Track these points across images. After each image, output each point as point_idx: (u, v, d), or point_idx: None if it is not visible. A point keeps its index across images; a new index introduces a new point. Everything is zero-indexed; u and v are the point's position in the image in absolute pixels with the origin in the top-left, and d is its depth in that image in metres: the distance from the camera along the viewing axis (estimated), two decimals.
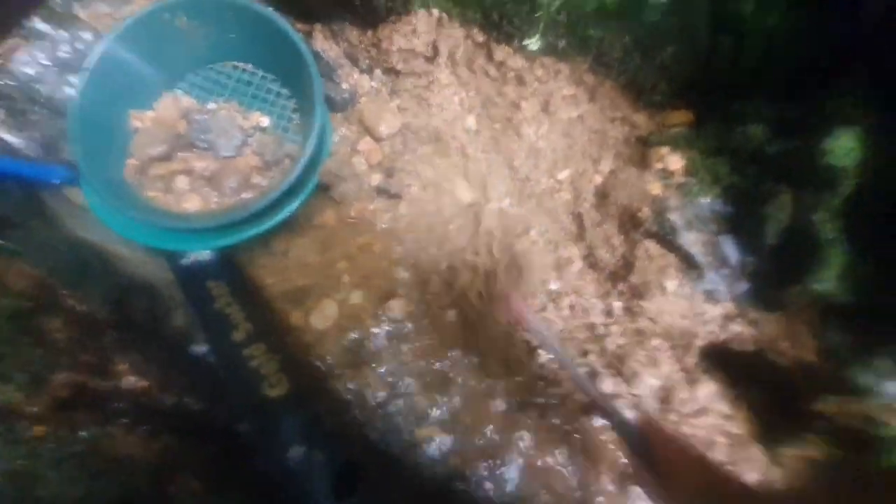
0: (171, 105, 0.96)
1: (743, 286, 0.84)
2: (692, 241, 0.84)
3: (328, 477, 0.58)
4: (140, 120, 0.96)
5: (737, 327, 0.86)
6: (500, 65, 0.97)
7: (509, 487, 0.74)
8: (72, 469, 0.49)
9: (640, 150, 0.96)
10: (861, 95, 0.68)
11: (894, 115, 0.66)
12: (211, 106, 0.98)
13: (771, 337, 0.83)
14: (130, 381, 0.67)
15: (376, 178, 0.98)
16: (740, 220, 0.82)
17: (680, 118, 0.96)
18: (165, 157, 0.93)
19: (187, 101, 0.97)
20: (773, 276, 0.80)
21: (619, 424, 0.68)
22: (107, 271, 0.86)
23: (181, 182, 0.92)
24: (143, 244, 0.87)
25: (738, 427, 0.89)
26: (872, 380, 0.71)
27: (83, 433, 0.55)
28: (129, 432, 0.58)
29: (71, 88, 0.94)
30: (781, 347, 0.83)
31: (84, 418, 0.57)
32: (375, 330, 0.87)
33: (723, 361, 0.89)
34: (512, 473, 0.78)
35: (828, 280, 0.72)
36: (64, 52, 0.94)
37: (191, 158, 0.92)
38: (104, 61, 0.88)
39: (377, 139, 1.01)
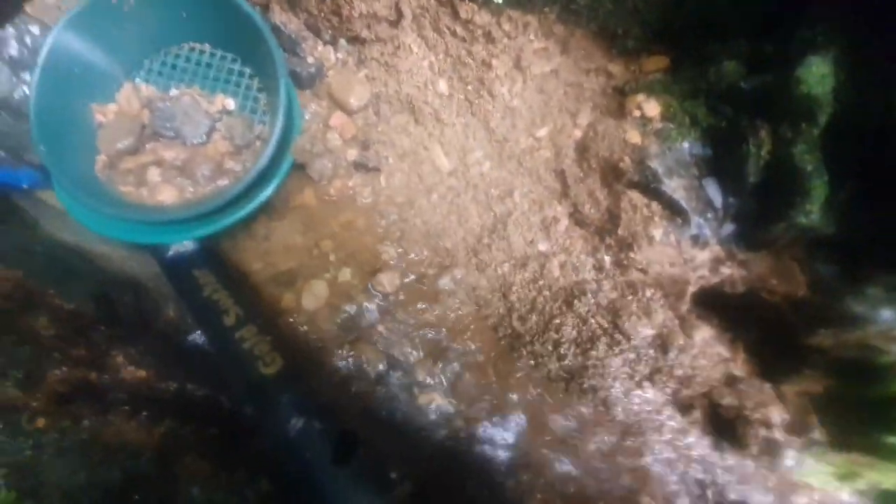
0: (133, 95, 0.93)
1: (729, 228, 0.84)
2: (675, 187, 0.83)
3: (327, 445, 0.59)
4: (103, 114, 0.93)
5: (727, 270, 0.86)
6: (467, 23, 0.94)
7: (509, 446, 0.76)
8: (75, 457, 0.51)
9: (618, 100, 0.94)
10: (832, 22, 0.66)
11: (864, 39, 0.64)
12: (173, 92, 0.94)
13: (761, 276, 0.84)
14: (128, 372, 0.68)
15: (352, 153, 0.96)
16: (721, 161, 0.81)
17: (656, 64, 0.93)
18: (134, 150, 0.91)
19: (148, 89, 0.94)
20: (758, 215, 0.80)
21: None
22: (90, 270, 0.85)
23: (153, 174, 0.89)
24: (122, 241, 0.86)
25: (738, 368, 0.90)
26: (867, 308, 0.71)
27: (85, 422, 0.56)
28: (131, 420, 0.59)
29: (26, 87, 0.91)
30: (772, 285, 0.83)
31: (84, 409, 0.58)
32: (368, 304, 0.87)
33: (716, 305, 0.90)
34: (510, 433, 0.79)
35: (812, 212, 0.72)
36: (13, 49, 0.90)
37: (159, 148, 0.90)
38: (55, 54, 0.85)
39: (349, 112, 0.98)
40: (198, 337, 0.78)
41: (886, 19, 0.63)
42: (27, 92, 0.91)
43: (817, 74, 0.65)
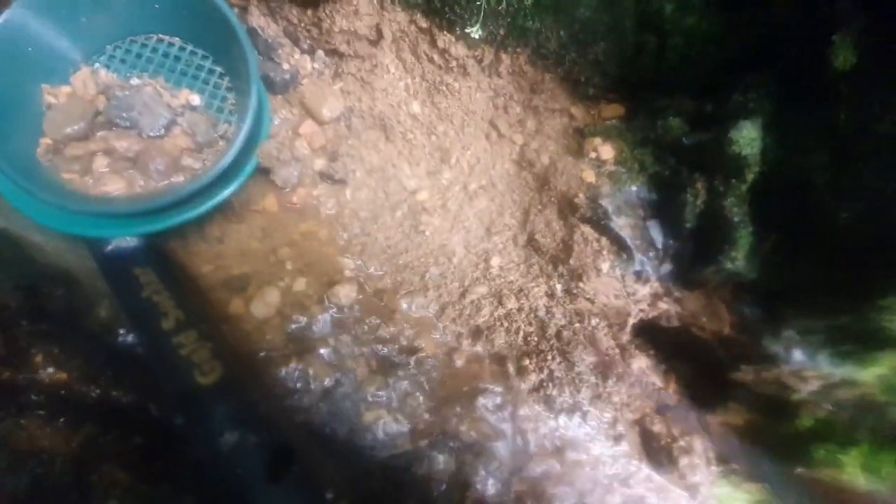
0: (89, 79, 0.88)
1: (668, 267, 0.91)
2: (622, 225, 0.90)
3: (261, 461, 0.56)
4: (54, 95, 0.87)
5: (664, 305, 0.93)
6: (444, 52, 0.98)
7: (450, 468, 0.76)
8: None
9: (577, 141, 1.01)
10: (763, 90, 0.76)
11: (791, 107, 0.74)
12: (134, 81, 0.91)
13: (693, 313, 0.91)
14: (48, 372, 0.62)
15: (319, 163, 0.96)
16: (664, 205, 0.89)
17: (613, 111, 1.01)
18: (83, 136, 0.86)
19: (107, 75, 0.90)
20: (692, 257, 0.87)
21: None
22: (18, 259, 0.78)
23: (100, 163, 0.85)
24: (58, 231, 0.80)
25: (669, 398, 0.96)
26: (782, 349, 0.79)
27: None
28: (46, 424, 0.54)
29: None
30: (703, 322, 0.90)
31: None
32: (321, 316, 0.86)
33: (653, 337, 0.96)
34: (453, 455, 0.80)
35: (738, 259, 0.80)
36: None
37: (111, 137, 0.86)
38: (8, 30, 0.80)
39: (320, 122, 0.99)
40: (131, 339, 0.72)
41: (807, 91, 0.73)
42: None
43: (747, 137, 0.74)
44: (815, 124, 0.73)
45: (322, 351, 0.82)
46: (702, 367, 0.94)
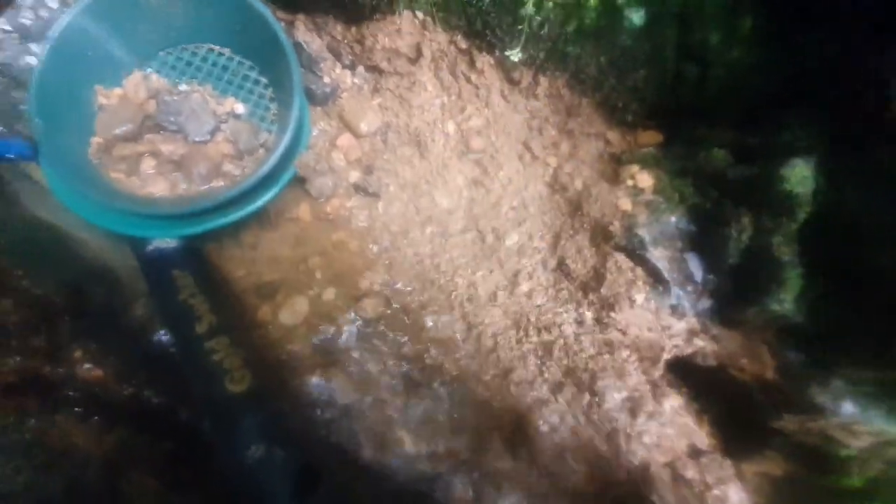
0: (141, 83, 0.92)
1: (706, 303, 0.87)
2: (659, 256, 0.87)
3: (289, 477, 0.55)
4: (106, 97, 0.91)
5: (700, 342, 0.89)
6: (481, 73, 0.98)
7: (468, 492, 0.73)
8: (16, 458, 0.45)
9: (612, 167, 0.99)
10: (814, 128, 0.73)
11: (843, 147, 0.71)
12: (183, 88, 0.94)
13: (732, 353, 0.87)
14: (85, 369, 0.63)
15: (354, 175, 0.97)
16: (704, 238, 0.86)
17: (650, 138, 1.00)
18: (131, 138, 0.89)
19: (158, 80, 0.94)
20: (734, 294, 0.84)
21: None
22: (65, 255, 0.80)
23: (147, 164, 0.87)
24: (104, 228, 0.82)
25: (702, 441, 0.91)
26: (830, 399, 0.74)
27: (31, 421, 0.51)
28: (81, 423, 0.54)
29: (31, 57, 0.89)
30: (742, 363, 0.86)
31: (32, 405, 0.53)
32: (347, 328, 0.85)
33: (688, 375, 0.92)
34: (477, 478, 0.77)
35: (786, 301, 0.76)
36: (27, 18, 0.89)
37: (158, 140, 0.88)
38: (70, 32, 0.84)
39: (357, 136, 1.00)
40: (165, 341, 0.73)
41: (860, 132, 0.70)
42: (32, 62, 0.89)
43: (799, 175, 0.71)
44: (869, 166, 0.70)
45: (347, 364, 0.82)
46: (738, 411, 0.89)
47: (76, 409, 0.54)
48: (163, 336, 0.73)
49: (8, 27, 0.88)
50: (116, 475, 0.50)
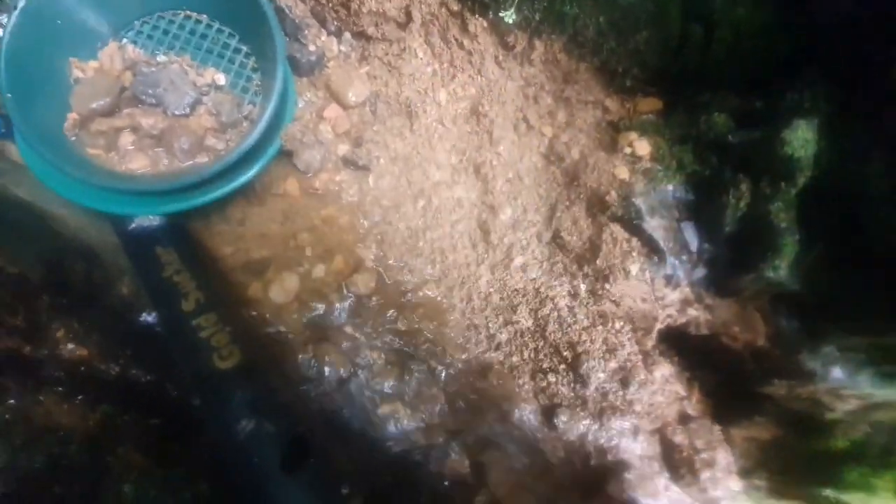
0: (116, 55, 0.88)
1: (701, 272, 0.87)
2: (655, 226, 0.85)
3: (277, 450, 0.56)
4: (81, 69, 0.87)
5: (693, 312, 0.89)
6: (474, 37, 0.94)
7: (464, 462, 0.74)
8: None
9: (610, 135, 0.96)
10: (820, 89, 0.70)
11: (849, 109, 0.69)
12: (161, 58, 0.90)
13: (725, 322, 0.87)
14: (68, 348, 0.62)
15: (343, 148, 0.94)
16: (701, 207, 0.84)
17: (650, 105, 0.96)
18: (109, 112, 0.85)
19: (134, 51, 0.89)
20: (729, 263, 0.83)
21: None
22: (43, 232, 0.78)
23: (126, 139, 0.84)
24: (83, 206, 0.80)
25: (692, 408, 0.93)
26: (820, 365, 0.74)
27: (10, 400, 0.51)
28: (64, 401, 0.54)
29: (1, 30, 0.84)
30: (734, 332, 0.86)
31: (12, 385, 0.52)
32: (338, 305, 0.85)
33: (679, 344, 0.92)
34: (468, 455, 0.78)
35: (780, 268, 0.75)
36: None
37: (137, 114, 0.85)
38: (38, 2, 0.79)
39: (345, 107, 0.96)
40: (151, 318, 0.72)
41: (867, 96, 0.67)
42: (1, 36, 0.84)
43: (802, 138, 0.69)
44: (874, 132, 0.67)
45: (339, 340, 0.81)
46: (728, 379, 0.90)
47: (59, 388, 0.54)
48: (148, 314, 0.73)
49: None
50: (101, 451, 0.50)
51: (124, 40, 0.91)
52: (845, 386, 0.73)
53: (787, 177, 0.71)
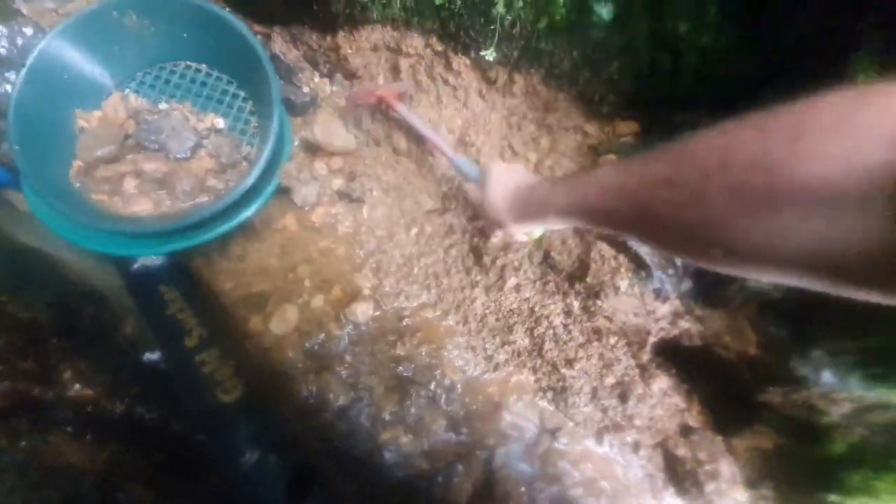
0: (120, 104, 0.93)
1: (688, 284, 0.89)
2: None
3: (283, 480, 0.56)
4: (86, 120, 0.92)
5: (685, 323, 0.91)
6: (459, 74, 1.00)
7: (467, 486, 0.75)
8: (11, 478, 0.46)
9: (592, 158, 1.01)
10: (789, 100, 0.75)
11: None
12: (163, 106, 0.95)
13: (716, 332, 0.89)
14: (75, 388, 0.63)
15: (337, 183, 0.98)
16: None
17: (627, 128, 1.02)
18: (113, 159, 0.89)
19: (137, 100, 0.94)
20: (714, 274, 0.86)
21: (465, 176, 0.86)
22: (51, 277, 0.81)
23: (129, 184, 0.88)
24: (89, 250, 0.83)
25: (693, 420, 0.93)
26: (811, 370, 0.76)
27: (23, 442, 0.52)
28: (74, 441, 0.55)
29: (10, 86, 0.89)
30: (726, 341, 0.88)
31: (24, 427, 0.54)
32: (338, 333, 0.86)
33: (675, 357, 0.94)
34: (471, 480, 0.78)
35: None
36: (2, 47, 0.89)
37: (140, 160, 0.89)
38: (45, 58, 0.84)
39: (332, 153, 1.01)
40: (155, 356, 0.74)
41: None
42: (9, 90, 0.89)
43: None
44: None
45: (339, 369, 0.83)
46: (726, 388, 0.91)
47: (68, 428, 0.55)
48: (153, 352, 0.74)
49: None
50: (111, 488, 0.51)
51: (127, 91, 0.96)
52: (837, 389, 0.75)
53: None
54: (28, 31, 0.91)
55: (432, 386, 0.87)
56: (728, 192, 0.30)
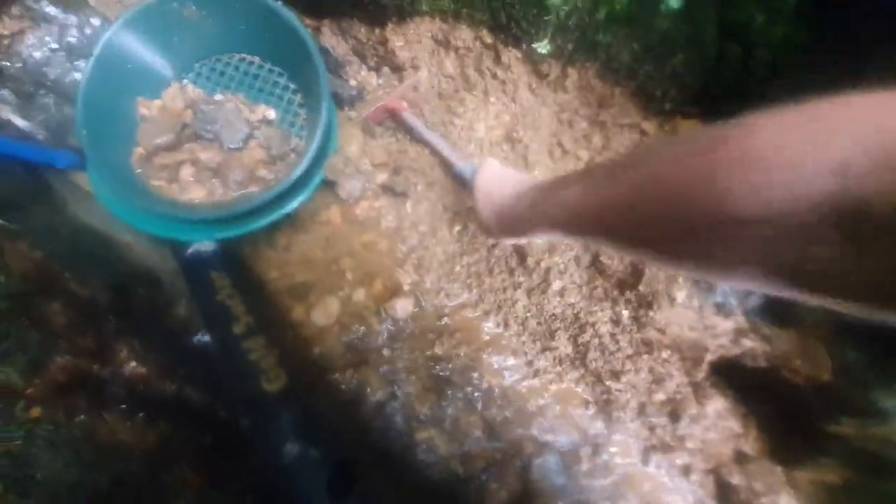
0: (178, 95, 0.95)
1: (755, 300, 0.82)
2: None
3: (323, 475, 0.56)
4: (147, 108, 0.95)
5: (749, 342, 0.84)
6: (508, 68, 0.96)
7: (503, 494, 0.72)
8: (67, 454, 0.49)
9: None
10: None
11: None
12: (218, 97, 0.97)
13: (784, 354, 0.81)
14: (130, 367, 0.66)
15: (382, 177, 0.97)
16: None
17: (688, 126, 0.95)
18: (171, 147, 0.92)
19: (194, 91, 0.97)
20: None
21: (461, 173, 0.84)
22: (110, 258, 0.85)
23: (186, 172, 0.91)
24: (147, 233, 0.86)
25: (748, 446, 0.86)
26: (894, 404, 0.68)
27: (81, 417, 0.54)
28: (126, 419, 0.57)
29: (79, 73, 0.94)
30: (795, 365, 0.81)
31: (81, 403, 0.56)
32: (377, 328, 0.86)
33: (733, 377, 0.87)
34: (506, 487, 0.76)
35: None
36: (72, 36, 0.94)
37: (196, 149, 0.92)
38: (111, 48, 0.88)
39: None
40: (205, 339, 0.76)
41: None
42: (78, 77, 0.94)
43: None
44: None
45: (377, 363, 0.82)
46: (790, 416, 0.84)
47: (121, 405, 0.57)
48: (202, 335, 0.76)
49: (56, 46, 0.93)
50: (159, 469, 0.52)
51: (185, 81, 0.99)
52: None
53: None
54: (96, 21, 0.96)
55: (469, 389, 0.85)
56: (685, 227, 0.30)
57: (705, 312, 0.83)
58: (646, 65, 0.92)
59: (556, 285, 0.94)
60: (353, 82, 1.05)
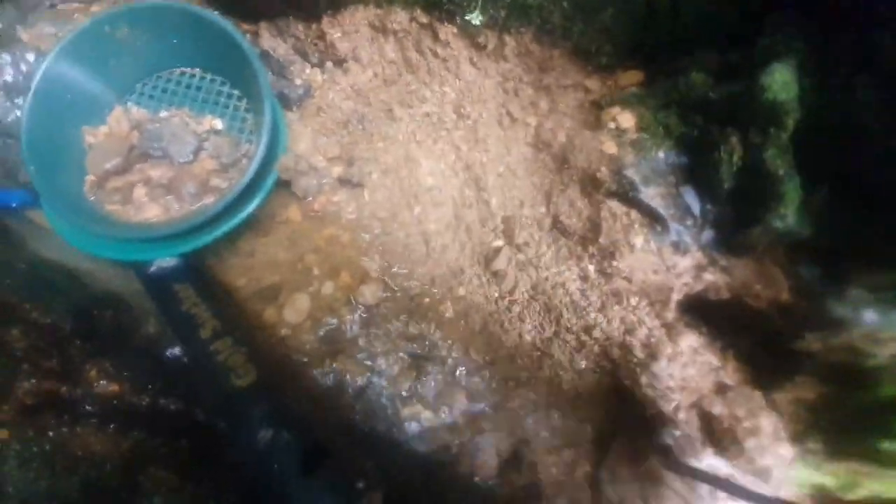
0: (123, 117, 0.96)
1: (709, 234, 0.84)
2: (652, 195, 0.84)
3: (296, 455, 0.57)
4: (93, 136, 0.95)
5: (710, 276, 0.86)
6: (447, 45, 0.97)
7: (492, 460, 0.74)
8: (38, 467, 0.50)
9: (595, 114, 0.96)
10: (791, 29, 0.69)
11: (824, 44, 0.67)
12: (163, 114, 0.97)
13: (745, 281, 0.83)
14: (101, 385, 0.67)
15: (336, 170, 0.98)
16: (696, 169, 0.83)
17: (630, 78, 0.96)
18: (122, 170, 0.92)
19: (138, 111, 0.97)
20: (735, 220, 0.80)
21: None
22: (72, 286, 0.86)
23: (140, 192, 0.91)
24: (107, 258, 0.87)
25: (728, 377, 0.89)
26: (850, 310, 0.70)
27: (50, 434, 0.55)
28: (98, 431, 0.58)
29: (20, 111, 0.94)
30: (756, 290, 0.82)
31: (51, 421, 0.57)
32: (350, 317, 0.87)
33: (703, 312, 0.89)
34: (494, 449, 0.77)
35: (787, 215, 0.72)
36: (8, 75, 0.94)
37: (147, 168, 0.92)
38: (48, 80, 0.88)
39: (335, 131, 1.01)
40: (175, 351, 0.77)
41: (842, 24, 0.65)
42: (20, 115, 0.94)
43: (780, 81, 0.67)
44: (855, 59, 0.65)
45: (353, 351, 0.83)
46: (761, 340, 0.86)
47: (93, 420, 0.58)
48: (173, 348, 0.77)
49: None
50: (134, 472, 0.53)
51: (128, 103, 0.99)
52: (881, 328, 0.69)
53: (775, 122, 0.69)
54: (30, 56, 0.95)
55: (449, 362, 0.86)
56: None
57: (664, 253, 0.84)
58: (578, 22, 0.94)
59: (522, 245, 0.95)
60: (298, 81, 1.06)
